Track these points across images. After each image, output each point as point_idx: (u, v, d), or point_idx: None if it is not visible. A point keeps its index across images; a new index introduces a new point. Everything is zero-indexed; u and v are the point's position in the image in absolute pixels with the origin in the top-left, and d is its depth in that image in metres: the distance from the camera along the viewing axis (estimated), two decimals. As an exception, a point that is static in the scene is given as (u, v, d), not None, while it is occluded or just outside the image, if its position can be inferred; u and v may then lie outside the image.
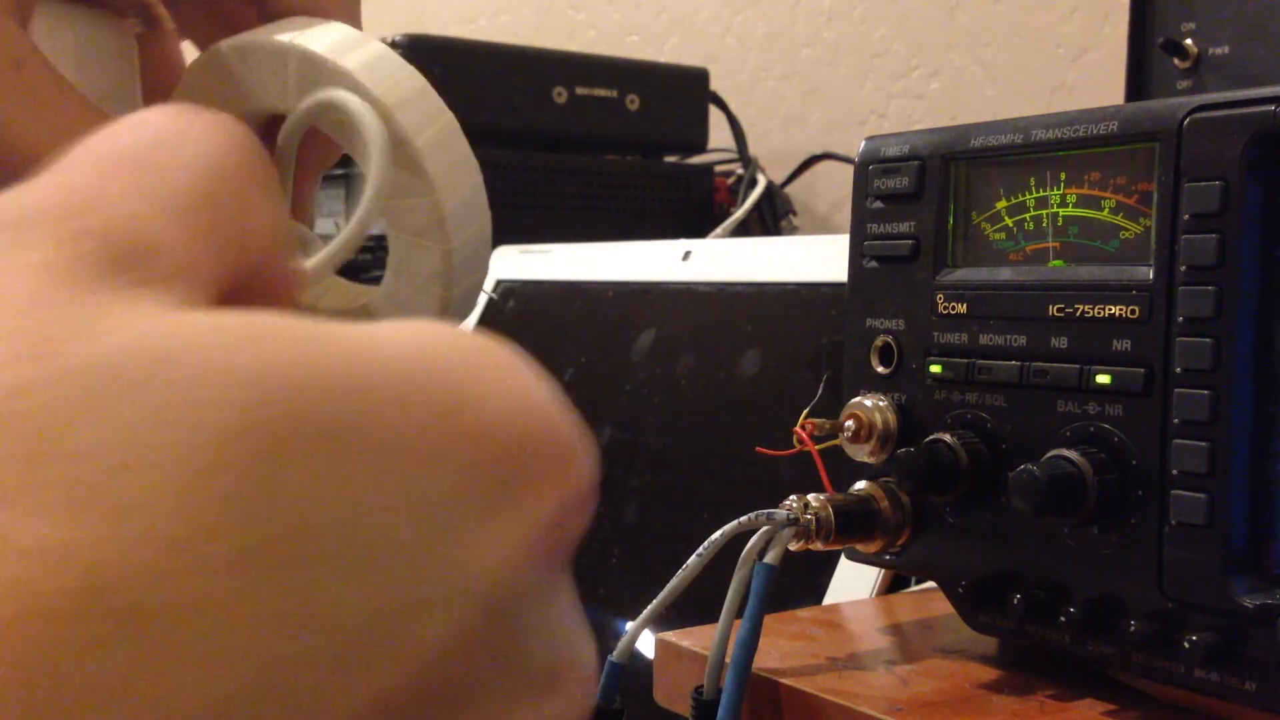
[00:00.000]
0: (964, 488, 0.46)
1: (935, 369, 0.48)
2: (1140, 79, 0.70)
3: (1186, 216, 0.40)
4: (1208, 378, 0.40)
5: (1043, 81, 1.19)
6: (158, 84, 0.30)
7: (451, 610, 0.15)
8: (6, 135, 0.24)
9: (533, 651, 0.17)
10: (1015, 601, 0.44)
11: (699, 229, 1.25)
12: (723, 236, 1.19)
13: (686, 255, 0.88)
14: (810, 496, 0.47)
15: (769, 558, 0.46)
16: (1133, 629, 0.41)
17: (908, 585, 0.65)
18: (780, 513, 0.46)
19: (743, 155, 1.36)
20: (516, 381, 0.17)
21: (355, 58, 0.26)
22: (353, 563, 0.15)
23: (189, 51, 0.31)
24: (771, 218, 1.30)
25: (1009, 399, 0.46)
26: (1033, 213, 0.46)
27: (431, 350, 0.16)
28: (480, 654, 0.16)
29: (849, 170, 0.56)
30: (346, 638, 0.14)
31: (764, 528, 0.46)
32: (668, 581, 0.48)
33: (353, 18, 0.29)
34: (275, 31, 0.27)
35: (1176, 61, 0.68)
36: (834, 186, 1.38)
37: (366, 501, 0.15)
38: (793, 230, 1.33)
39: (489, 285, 1.01)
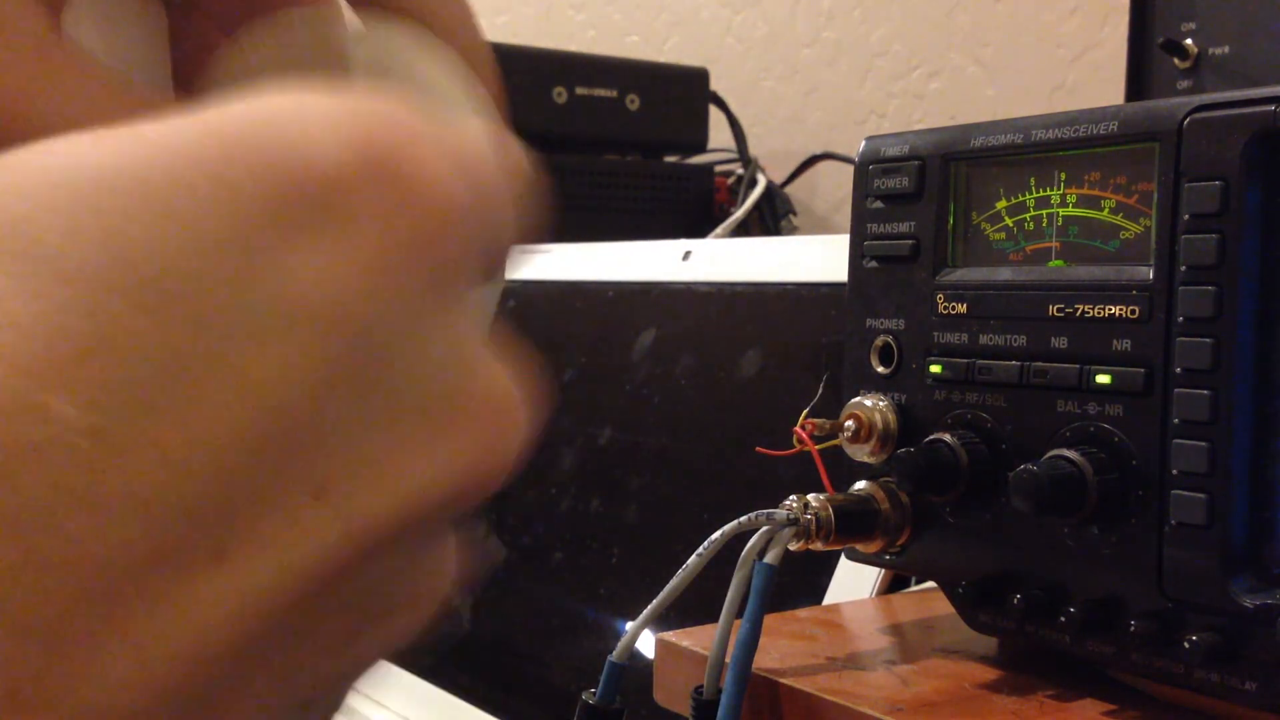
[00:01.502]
0: (964, 488, 0.46)
1: (935, 369, 0.48)
2: (1140, 79, 0.70)
3: (1186, 216, 0.40)
4: (1208, 378, 0.40)
5: (1043, 81, 1.19)
6: (188, 61, 0.30)
7: (281, 338, 0.15)
8: (27, 116, 0.23)
9: (411, 381, 0.17)
10: (1015, 601, 0.44)
11: (699, 229, 1.25)
12: (723, 236, 1.19)
13: (686, 255, 0.89)
14: (810, 496, 0.47)
15: (769, 558, 0.46)
16: (1133, 629, 0.41)
17: (908, 585, 0.65)
18: (780, 513, 0.46)
19: (743, 155, 1.36)
20: (341, 119, 0.17)
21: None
22: (135, 297, 0.15)
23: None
24: (771, 218, 1.30)
25: (1009, 399, 0.46)
26: (1033, 213, 0.46)
27: (248, 108, 0.17)
28: (336, 384, 0.16)
29: (849, 170, 0.56)
30: (156, 373, 0.14)
31: (764, 528, 0.46)
32: (668, 581, 0.47)
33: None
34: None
35: (1176, 61, 0.68)
36: (834, 186, 1.38)
37: (128, 236, 0.15)
38: (793, 230, 1.33)
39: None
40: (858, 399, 0.50)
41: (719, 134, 1.37)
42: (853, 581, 0.64)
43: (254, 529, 0.15)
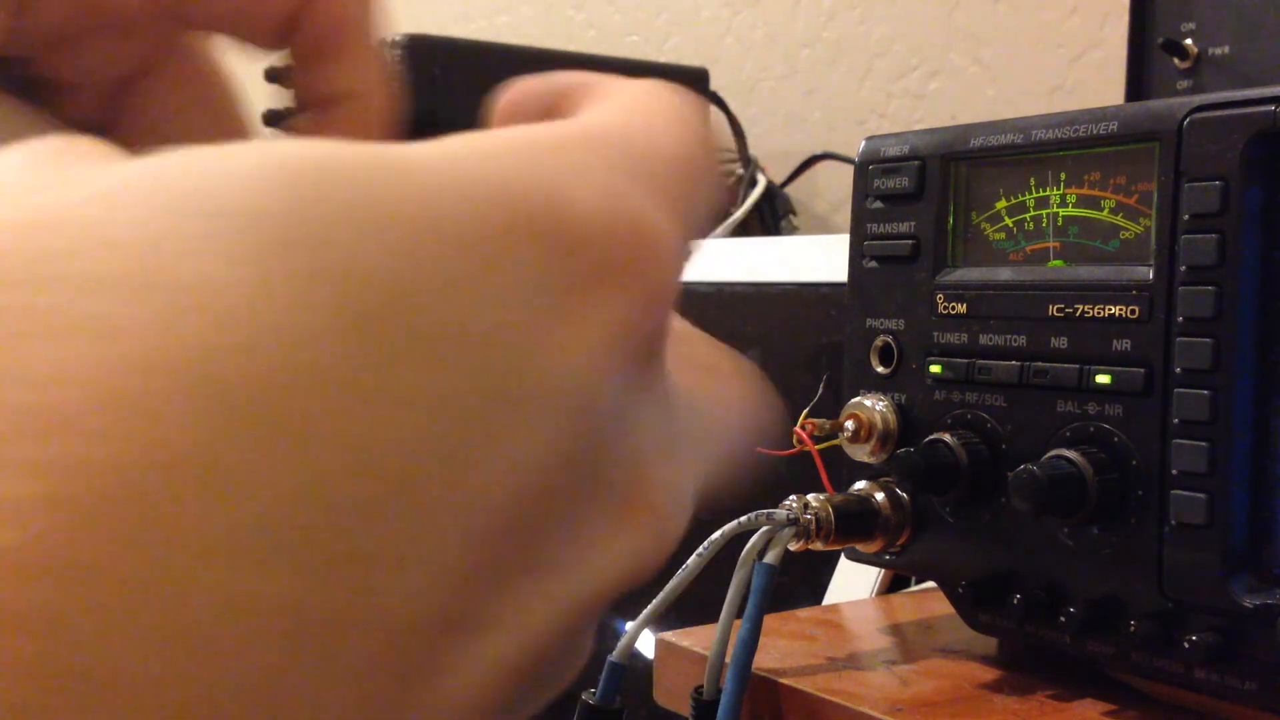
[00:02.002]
0: (964, 488, 0.46)
1: (935, 369, 0.48)
2: (1140, 79, 0.70)
3: (1186, 216, 0.40)
4: (1208, 378, 0.40)
5: (1043, 81, 1.19)
6: None
7: (544, 414, 0.14)
8: None
9: (612, 471, 0.16)
10: (1015, 601, 0.44)
11: (699, 229, 1.25)
12: (723, 236, 1.19)
13: (686, 255, 0.88)
14: (810, 496, 0.47)
15: (769, 558, 0.46)
16: (1133, 629, 0.41)
17: (908, 585, 0.65)
18: (780, 513, 0.46)
19: (743, 155, 1.36)
20: (602, 174, 0.16)
21: None
22: (439, 347, 0.14)
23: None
24: (771, 218, 1.30)
25: (1009, 399, 0.46)
26: (1033, 213, 0.46)
27: (519, 144, 0.16)
28: (565, 469, 0.15)
29: (849, 170, 0.56)
30: (451, 426, 0.14)
31: (764, 528, 0.46)
32: (668, 581, 0.47)
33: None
34: None
35: (1176, 61, 0.68)
36: (834, 186, 1.38)
37: (435, 285, 0.14)
38: (793, 230, 1.33)
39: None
40: (858, 399, 0.50)
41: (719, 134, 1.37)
42: (853, 581, 0.64)
43: (490, 606, 0.15)
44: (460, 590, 0.14)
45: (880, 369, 0.50)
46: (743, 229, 1.26)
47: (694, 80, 1.35)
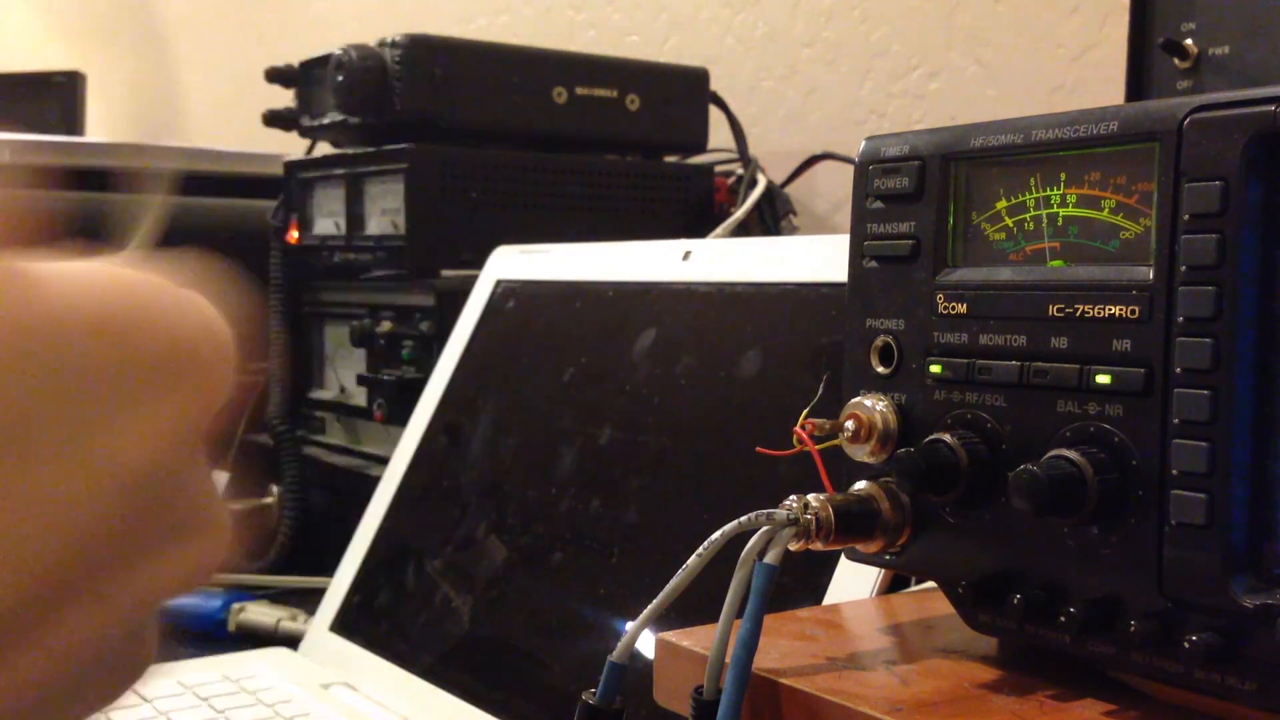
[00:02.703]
0: (964, 488, 0.46)
1: (935, 369, 0.48)
2: (1140, 79, 0.70)
3: (1186, 216, 0.40)
4: (1208, 378, 0.40)
5: (1043, 81, 1.19)
6: None
7: (104, 490, 0.21)
8: None
9: (179, 509, 0.24)
10: (1015, 601, 0.44)
11: (699, 229, 1.25)
12: (723, 236, 1.19)
13: (686, 255, 0.88)
14: (810, 496, 0.47)
15: (769, 558, 0.46)
16: (1133, 629, 0.41)
17: (908, 585, 0.65)
18: (780, 513, 0.46)
19: (743, 155, 1.36)
20: (174, 306, 0.23)
21: None
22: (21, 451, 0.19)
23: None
24: (771, 218, 1.30)
25: (1009, 399, 0.46)
26: (1033, 213, 0.46)
27: (104, 282, 0.22)
28: (141, 514, 0.22)
29: (849, 170, 0.56)
30: (15, 512, 0.19)
31: (764, 528, 0.46)
32: (668, 581, 0.47)
33: None
34: None
35: (1176, 61, 0.68)
36: (834, 186, 1.38)
37: (22, 398, 0.19)
38: (793, 230, 1.33)
39: (491, 285, 1.02)
40: (858, 399, 0.50)
41: (719, 134, 1.37)
42: (853, 581, 0.64)
43: (58, 608, 0.21)
44: (32, 591, 0.20)
45: (880, 369, 0.50)
46: (743, 229, 1.26)
47: (694, 80, 1.35)
